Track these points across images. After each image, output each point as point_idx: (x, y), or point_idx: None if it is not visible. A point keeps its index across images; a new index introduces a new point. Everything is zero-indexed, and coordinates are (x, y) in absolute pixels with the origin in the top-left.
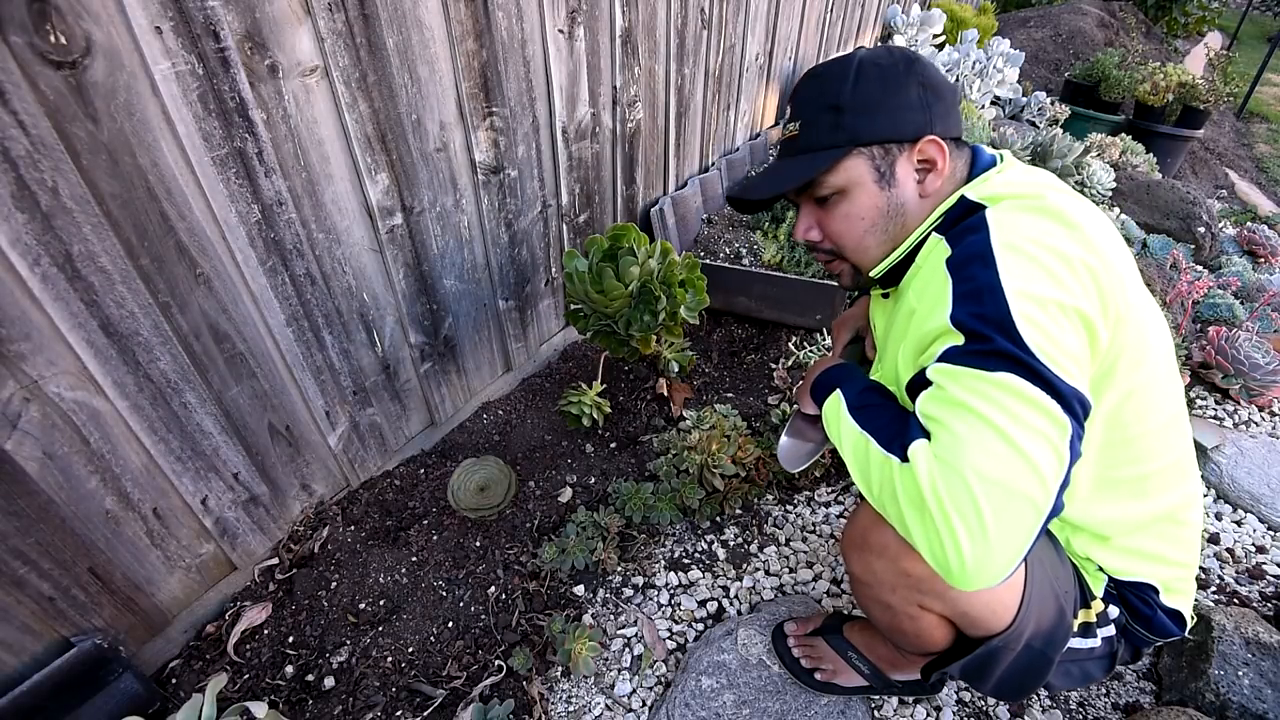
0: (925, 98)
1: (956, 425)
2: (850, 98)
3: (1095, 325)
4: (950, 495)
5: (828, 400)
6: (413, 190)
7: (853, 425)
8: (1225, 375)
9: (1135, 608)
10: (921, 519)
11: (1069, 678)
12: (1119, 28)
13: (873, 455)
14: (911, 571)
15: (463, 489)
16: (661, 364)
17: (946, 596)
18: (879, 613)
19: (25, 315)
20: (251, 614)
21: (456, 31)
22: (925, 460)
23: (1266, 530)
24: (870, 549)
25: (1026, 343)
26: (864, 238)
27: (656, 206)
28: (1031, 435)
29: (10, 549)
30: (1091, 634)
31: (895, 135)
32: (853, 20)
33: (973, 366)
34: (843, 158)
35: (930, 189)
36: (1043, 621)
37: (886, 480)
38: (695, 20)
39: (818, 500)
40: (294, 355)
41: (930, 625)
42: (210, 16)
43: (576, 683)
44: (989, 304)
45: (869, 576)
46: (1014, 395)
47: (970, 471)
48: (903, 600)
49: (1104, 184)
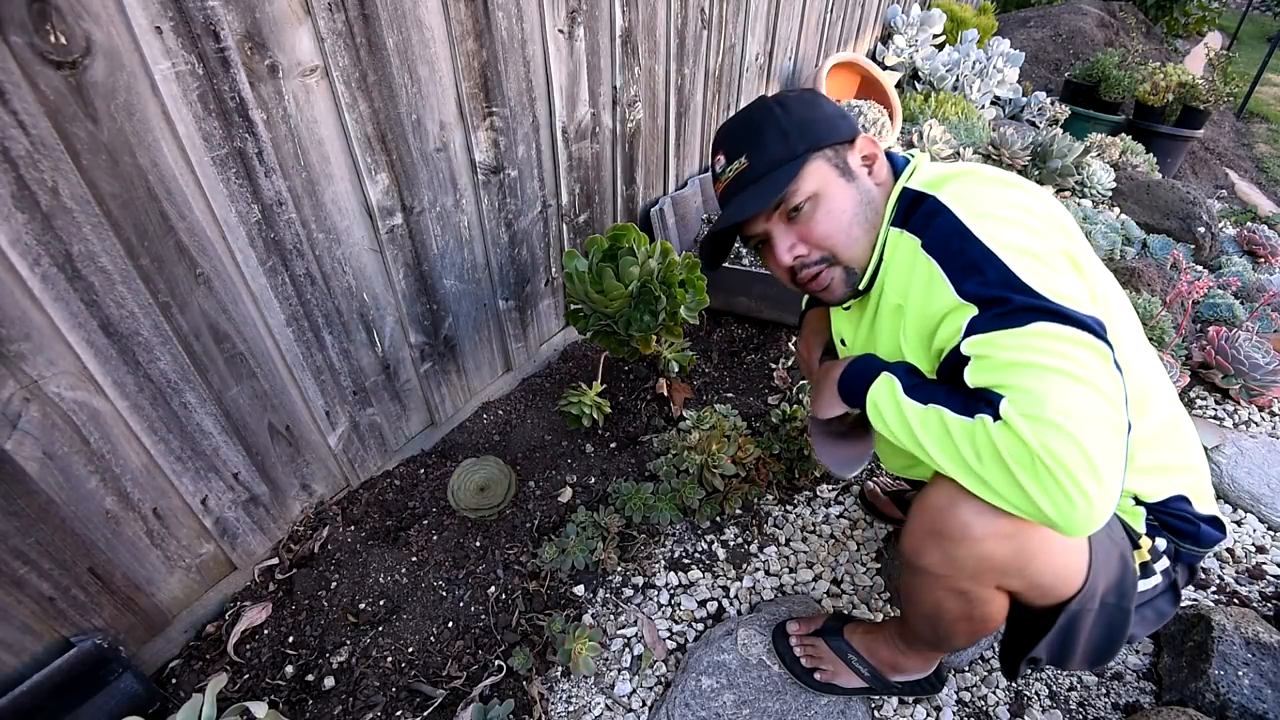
0: (840, 111)
1: (1022, 381)
2: (787, 122)
3: (1078, 259)
4: (1057, 444)
5: (874, 386)
6: (413, 190)
7: (914, 404)
8: (1225, 375)
9: (1178, 529)
10: (1035, 475)
11: (1145, 622)
12: (1119, 28)
13: (954, 425)
14: (996, 552)
15: (463, 489)
16: (661, 364)
17: (1027, 571)
18: (951, 603)
19: (25, 315)
20: (251, 614)
21: (456, 31)
22: (1019, 418)
23: (1266, 530)
24: (948, 537)
25: (1037, 289)
26: (850, 228)
27: (656, 206)
28: (1087, 368)
29: (10, 549)
30: (1150, 572)
31: (837, 138)
32: (853, 20)
33: (1004, 328)
34: (805, 164)
35: (880, 177)
36: (1110, 574)
37: (984, 444)
38: (695, 20)
39: (818, 500)
40: (294, 355)
41: (999, 607)
42: (210, 16)
43: (576, 683)
44: (989, 270)
45: (947, 567)
46: (1055, 338)
47: (1059, 416)
48: (980, 584)
49: (1104, 184)
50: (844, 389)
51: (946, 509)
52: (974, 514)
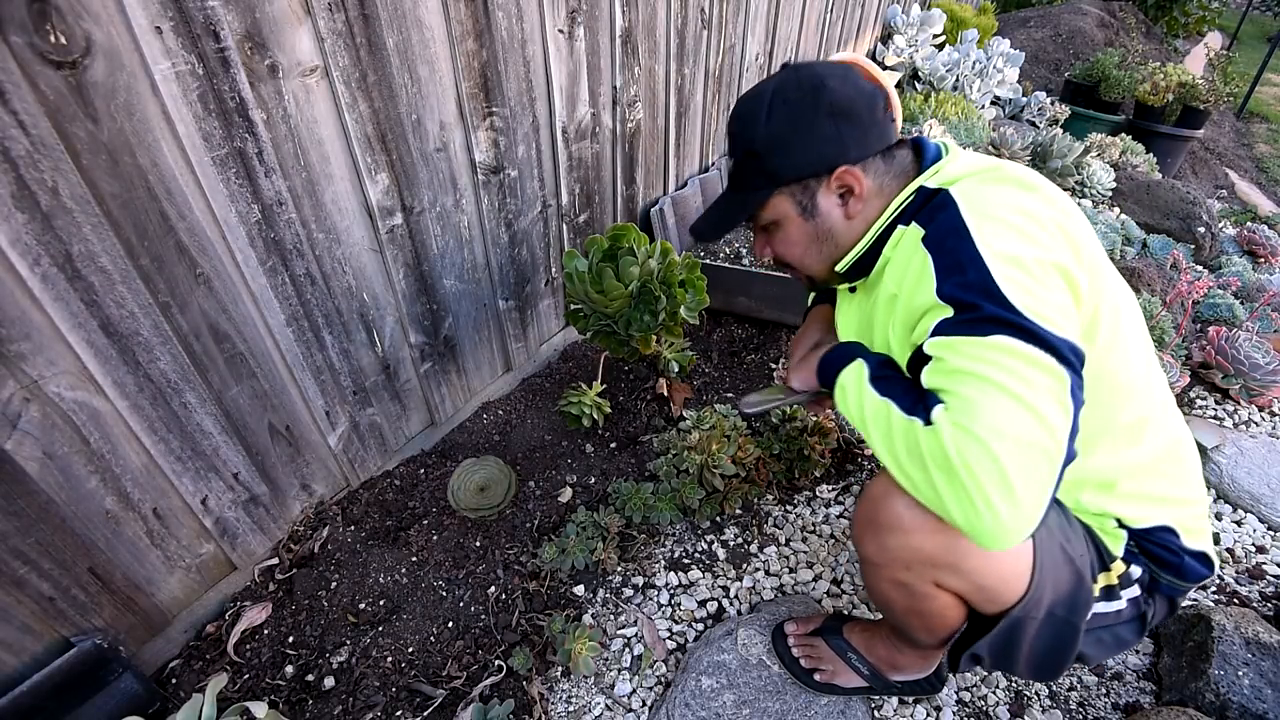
0: (836, 127)
1: (964, 390)
2: (764, 142)
3: (1074, 275)
4: (974, 456)
5: (845, 369)
6: (413, 190)
7: (873, 393)
8: (1225, 375)
9: (1161, 558)
10: (950, 481)
11: (1102, 645)
12: (1119, 28)
13: (895, 421)
14: (924, 545)
15: (463, 489)
16: (661, 364)
17: (961, 569)
18: (894, 594)
19: (25, 315)
20: (251, 614)
21: (456, 31)
22: (947, 426)
23: (1266, 530)
24: (882, 526)
25: (1013, 303)
26: (803, 258)
27: (656, 206)
28: (1034, 390)
29: (10, 549)
30: (1115, 596)
31: (810, 171)
32: (853, 20)
33: (966, 334)
34: (768, 198)
35: (854, 211)
36: (1060, 587)
37: (912, 444)
38: (695, 20)
39: (818, 500)
40: (294, 355)
41: (946, 605)
42: (210, 16)
43: (576, 683)
44: (971, 273)
45: (882, 555)
46: (1011, 355)
47: (986, 431)
48: (917, 578)
49: (1104, 184)
50: (822, 368)
51: (881, 499)
52: (905, 506)
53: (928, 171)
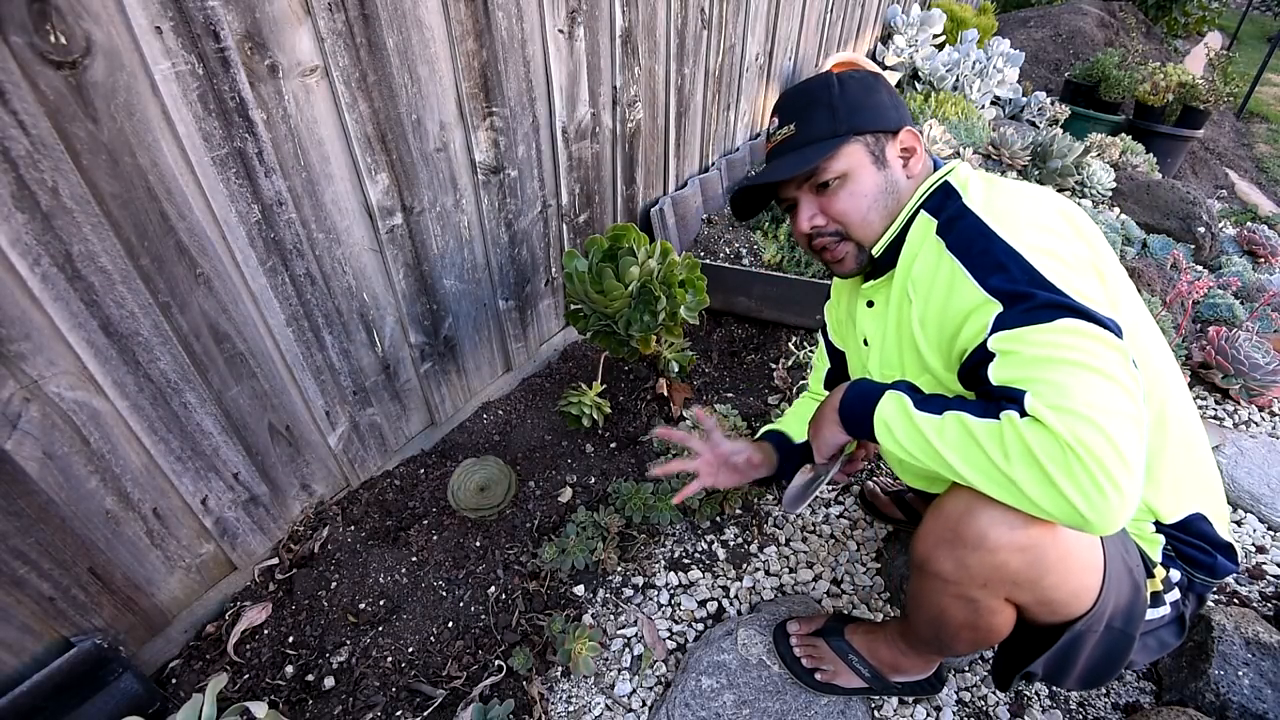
0: (895, 100)
1: (1050, 375)
2: (840, 99)
3: (1097, 264)
4: (1087, 434)
5: (880, 405)
6: (413, 190)
7: (929, 415)
8: (1225, 375)
9: (1194, 559)
10: (1067, 468)
11: (1148, 651)
12: (1119, 28)
13: (977, 429)
14: (1009, 563)
15: (463, 489)
16: (661, 364)
17: (1040, 584)
18: (957, 609)
19: (25, 315)
20: (251, 614)
21: (456, 31)
22: (1048, 412)
23: (1266, 530)
24: (964, 543)
25: (1062, 288)
26: (868, 213)
27: (656, 206)
28: (1111, 364)
29: (10, 549)
30: (1160, 602)
31: (882, 126)
32: (853, 20)
33: (1031, 323)
34: (843, 144)
35: (914, 171)
36: (1121, 598)
37: (1013, 442)
38: (695, 20)
39: (818, 500)
40: (294, 355)
41: (1006, 619)
42: (210, 16)
43: (576, 683)
44: (1014, 268)
45: (960, 574)
46: (1082, 335)
47: (1088, 409)
48: (990, 594)
49: (1104, 184)
50: (845, 415)
51: (964, 516)
52: (991, 523)
53: (942, 170)
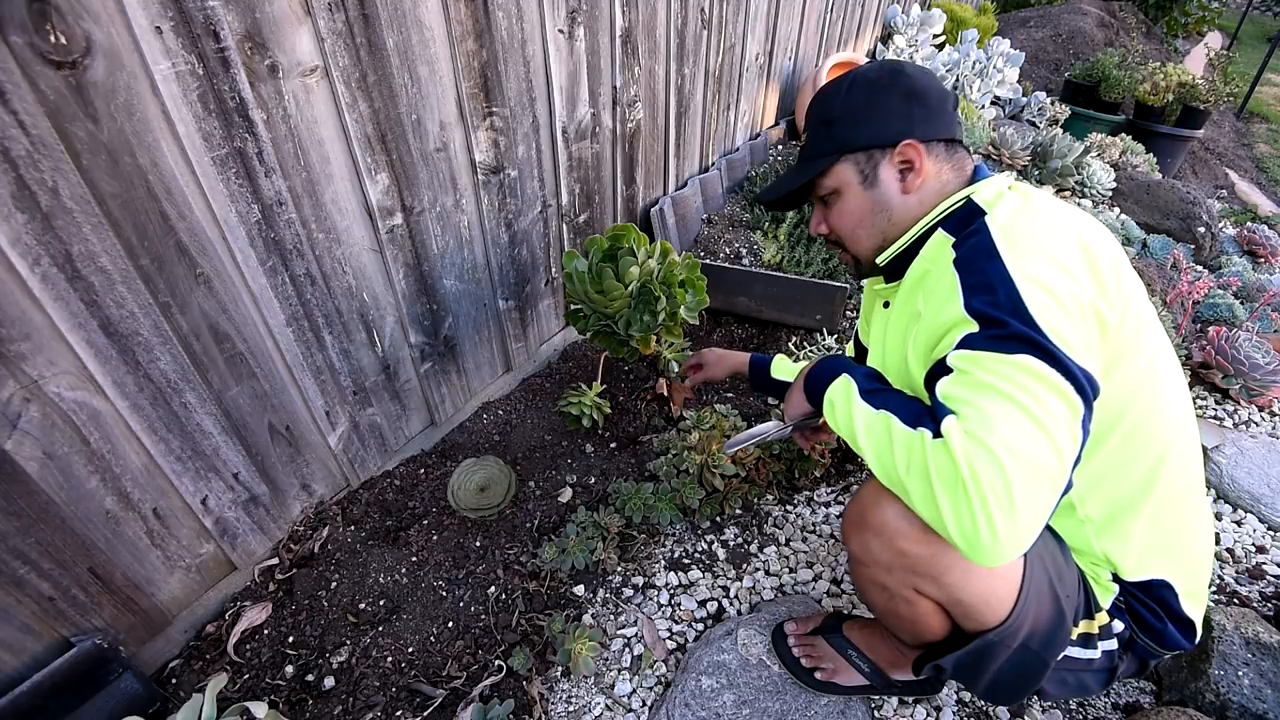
0: (908, 105)
1: (984, 404)
2: (839, 110)
3: (1103, 312)
4: (983, 468)
5: (833, 384)
6: (413, 190)
7: (867, 406)
8: (1225, 375)
9: (1146, 621)
10: (953, 494)
11: (1064, 686)
12: (1119, 28)
13: (896, 433)
14: (908, 551)
15: (463, 489)
16: (661, 364)
17: (942, 581)
18: (875, 595)
19: (25, 315)
20: (251, 614)
21: (456, 31)
22: (959, 436)
23: (1266, 530)
24: (869, 527)
25: (1040, 325)
26: (855, 230)
27: (656, 206)
28: (1051, 415)
29: (10, 549)
30: (1092, 645)
31: (878, 141)
32: (853, 20)
33: (993, 350)
34: (833, 164)
35: (912, 187)
36: (1040, 622)
37: (916, 456)
38: (695, 20)
39: (817, 500)
40: (294, 355)
41: (926, 613)
42: (210, 16)
43: (576, 683)
44: (1001, 292)
45: (866, 555)
46: (1034, 377)
47: (1000, 446)
48: (898, 582)
49: (1104, 184)
50: (809, 386)
51: (872, 504)
52: (894, 514)
53: (977, 184)
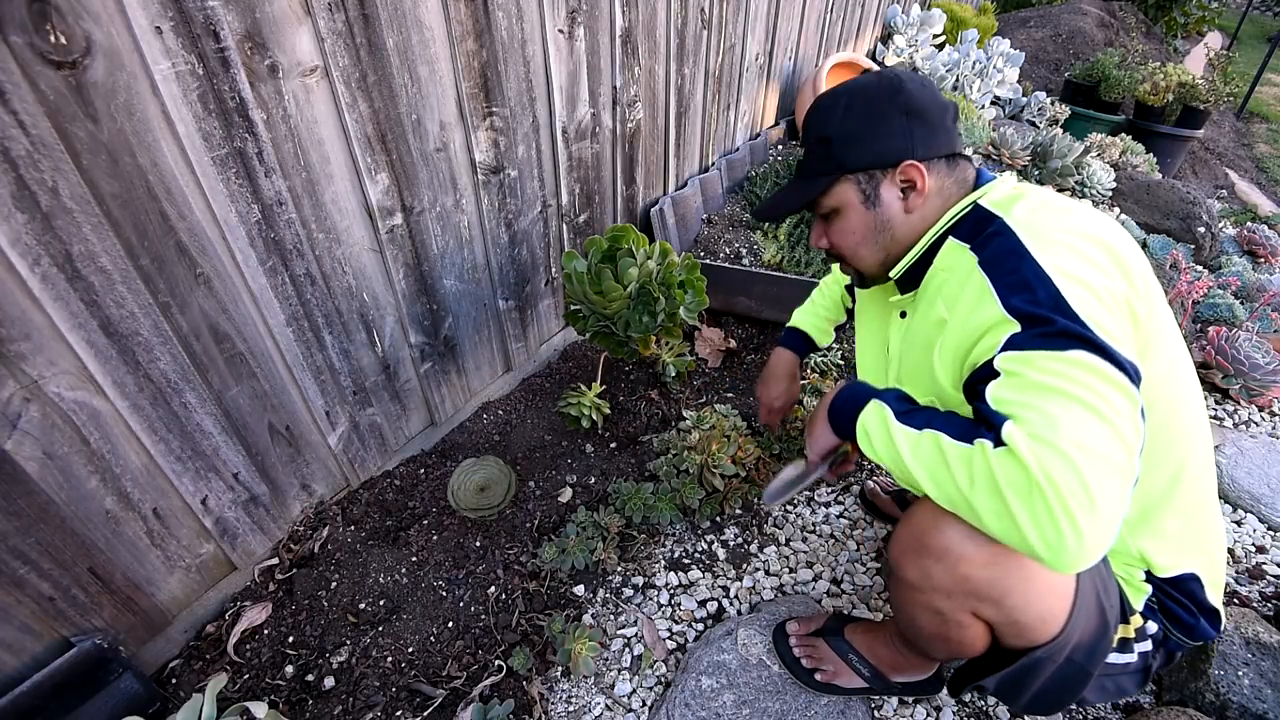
0: (908, 124)
1: (1046, 405)
2: (838, 129)
3: (1132, 300)
4: (1058, 470)
5: (864, 412)
6: (413, 190)
7: (907, 429)
8: (1225, 375)
9: (1179, 617)
10: (1029, 501)
11: (1103, 692)
12: (1119, 28)
13: (949, 450)
14: (972, 576)
15: (463, 489)
16: (659, 368)
17: (1004, 604)
18: (926, 619)
19: (25, 315)
20: (251, 614)
21: (456, 31)
22: (1025, 441)
23: (1266, 530)
24: (929, 552)
25: (1084, 320)
26: (857, 249)
27: (656, 207)
28: (1113, 408)
29: (10, 549)
30: (1129, 649)
31: (878, 162)
32: (853, 20)
33: (1043, 349)
34: (833, 184)
35: (914, 206)
36: (1087, 633)
37: (979, 470)
38: (695, 20)
39: (817, 500)
40: (294, 355)
41: (976, 634)
42: (210, 16)
43: (576, 683)
44: (1040, 290)
45: (926, 582)
46: (1091, 371)
47: (1070, 445)
48: (956, 607)
49: (1104, 184)
50: (834, 418)
51: (931, 527)
52: (958, 537)
53: (982, 189)
